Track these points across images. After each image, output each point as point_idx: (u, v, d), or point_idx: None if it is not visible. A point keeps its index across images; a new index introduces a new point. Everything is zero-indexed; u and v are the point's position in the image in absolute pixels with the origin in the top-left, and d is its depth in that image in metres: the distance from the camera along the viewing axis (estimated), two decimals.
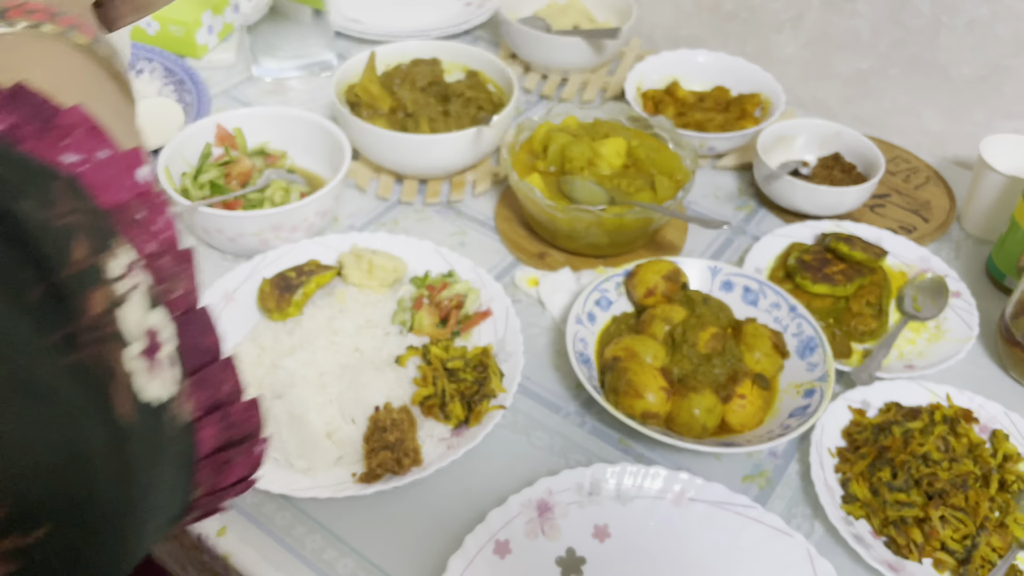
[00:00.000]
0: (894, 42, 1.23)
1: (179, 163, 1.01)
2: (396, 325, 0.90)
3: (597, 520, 0.75)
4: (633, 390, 0.79)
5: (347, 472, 0.77)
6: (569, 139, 1.03)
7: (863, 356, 0.92)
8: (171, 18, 1.26)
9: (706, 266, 0.95)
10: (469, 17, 1.44)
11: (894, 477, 0.78)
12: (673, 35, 1.46)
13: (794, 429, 0.78)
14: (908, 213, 1.12)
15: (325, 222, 1.00)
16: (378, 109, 1.11)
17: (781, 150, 1.15)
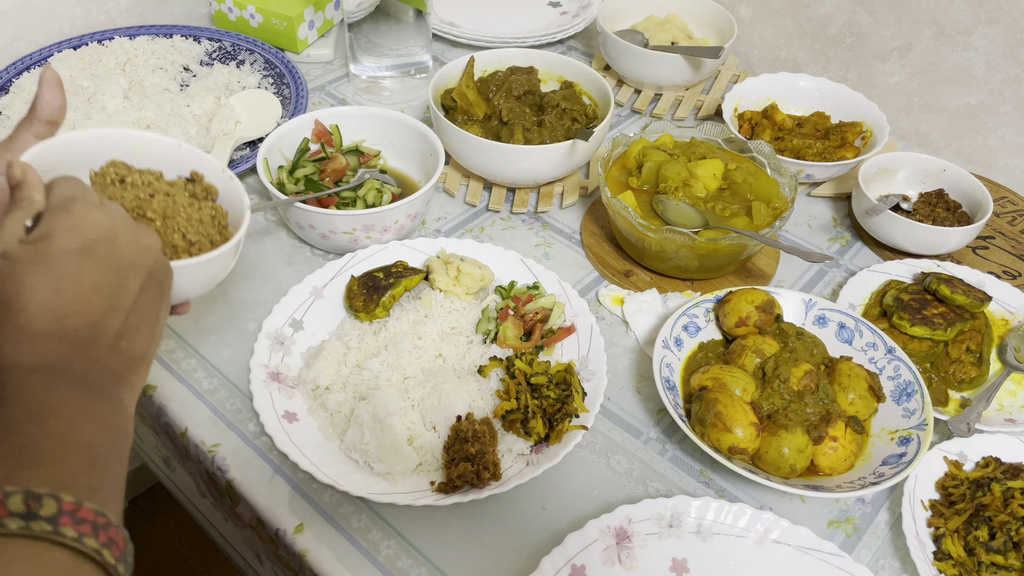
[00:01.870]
0: (1009, 79, 1.18)
1: (276, 156, 1.02)
2: (479, 334, 0.89)
3: (676, 554, 0.73)
4: (722, 423, 0.77)
5: (425, 480, 0.77)
6: (665, 158, 1.01)
7: (960, 405, 0.88)
8: (275, 12, 1.28)
9: (800, 299, 0.92)
10: (564, 26, 1.43)
11: (991, 537, 0.74)
12: (771, 57, 1.42)
13: (888, 478, 0.75)
14: (1013, 258, 1.07)
15: (414, 225, 1.00)
16: (473, 115, 1.11)
17: (881, 183, 1.11)
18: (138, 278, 0.50)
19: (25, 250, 0.47)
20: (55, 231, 0.48)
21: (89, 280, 0.48)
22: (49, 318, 0.46)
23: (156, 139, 0.65)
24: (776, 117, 1.19)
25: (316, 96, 1.28)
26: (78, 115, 1.08)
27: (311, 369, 0.83)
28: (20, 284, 0.46)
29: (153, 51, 1.25)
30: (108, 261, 0.49)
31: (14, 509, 0.38)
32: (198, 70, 1.25)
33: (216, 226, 0.65)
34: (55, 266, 0.47)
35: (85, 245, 0.49)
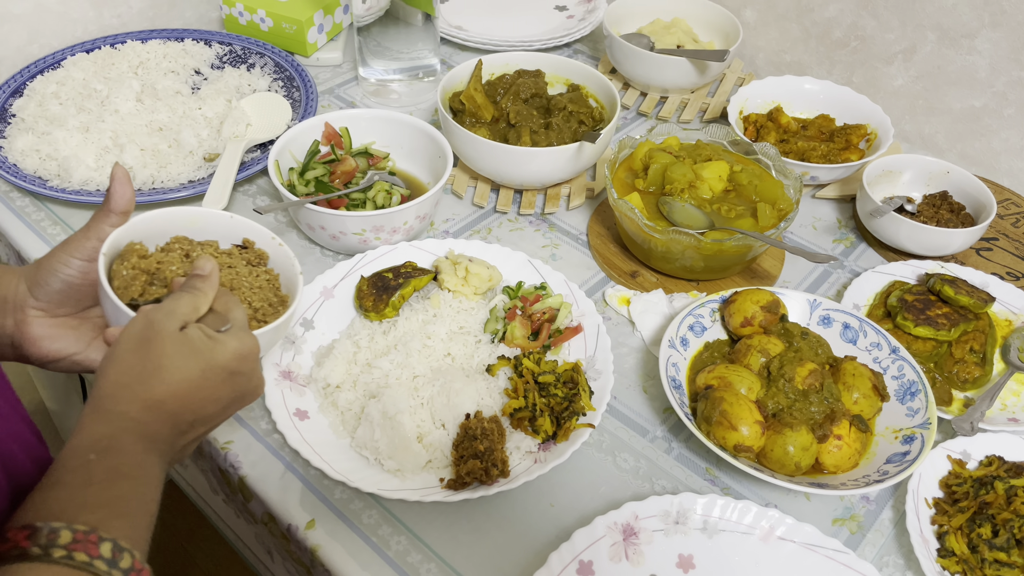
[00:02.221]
0: (1012, 82, 1.18)
1: (287, 158, 1.04)
2: (488, 334, 0.90)
3: (682, 550, 0.74)
4: (727, 421, 0.78)
5: (435, 477, 0.78)
6: (671, 160, 1.02)
7: (964, 405, 0.89)
8: (284, 15, 1.30)
9: (805, 299, 0.93)
10: (570, 30, 1.44)
11: (995, 535, 0.75)
12: (776, 60, 1.44)
13: (892, 476, 0.75)
14: (1016, 259, 1.08)
15: (423, 226, 1.01)
16: (481, 118, 1.12)
17: (886, 185, 1.12)
18: (235, 409, 0.62)
19: (202, 341, 0.59)
20: (228, 347, 0.60)
21: (217, 394, 0.59)
22: (176, 402, 0.56)
23: (210, 213, 0.72)
24: (781, 120, 1.20)
25: (325, 99, 1.29)
26: (92, 117, 1.10)
27: (322, 368, 0.84)
28: (179, 365, 0.56)
29: (165, 54, 1.27)
30: (234, 390, 0.60)
31: (104, 554, 0.45)
32: (209, 73, 1.26)
33: (272, 290, 0.71)
34: (208, 371, 0.58)
35: (236, 370, 0.60)
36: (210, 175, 1.07)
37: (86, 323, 0.71)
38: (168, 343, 0.57)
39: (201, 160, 1.09)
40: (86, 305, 0.71)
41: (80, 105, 1.12)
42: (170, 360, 0.56)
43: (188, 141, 1.09)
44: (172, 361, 0.56)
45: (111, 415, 0.54)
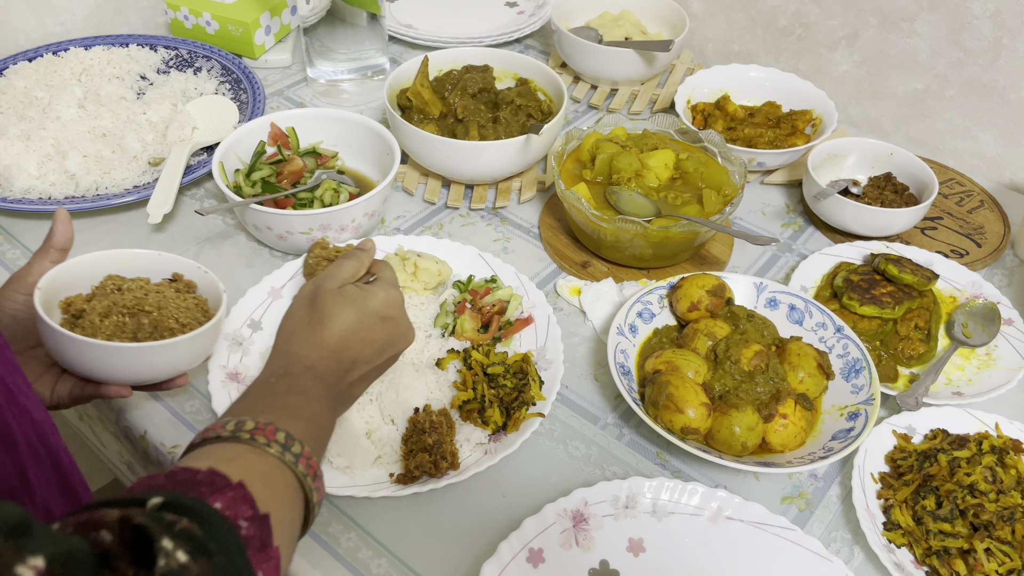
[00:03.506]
0: (952, 63, 1.20)
1: (233, 160, 1.03)
2: (438, 328, 0.90)
3: (632, 534, 0.74)
4: (673, 404, 0.78)
5: (384, 472, 0.78)
6: (617, 150, 1.03)
7: (909, 381, 0.91)
8: (230, 18, 1.29)
9: (751, 282, 0.94)
10: (520, 26, 1.45)
11: (939, 506, 0.76)
12: (725, 49, 1.45)
13: (837, 452, 0.76)
14: (960, 237, 1.10)
15: (373, 223, 1.01)
16: (429, 114, 1.12)
17: (831, 168, 1.13)
18: (390, 352, 0.71)
19: (355, 291, 0.71)
20: (377, 296, 0.71)
21: (372, 336, 0.69)
22: (339, 342, 0.67)
23: (140, 253, 0.81)
24: (728, 108, 1.21)
25: (275, 101, 1.28)
26: (33, 125, 1.08)
27: None
28: (338, 313, 0.68)
29: (109, 60, 1.25)
30: (387, 333, 0.70)
31: (279, 440, 0.55)
32: (155, 78, 1.25)
33: (200, 311, 0.78)
34: (363, 316, 0.69)
35: (385, 315, 0.70)
36: (155, 180, 1.06)
37: (32, 360, 0.75)
38: (329, 297, 0.69)
39: (146, 165, 1.08)
40: (32, 344, 0.74)
41: (21, 113, 1.10)
42: (331, 310, 0.68)
43: (132, 146, 1.08)
44: (333, 310, 0.68)
45: (287, 354, 0.66)
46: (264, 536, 0.47)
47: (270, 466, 0.53)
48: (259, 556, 0.46)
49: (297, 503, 0.54)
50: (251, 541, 0.46)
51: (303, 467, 0.55)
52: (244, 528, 0.46)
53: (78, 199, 1.03)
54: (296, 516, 0.54)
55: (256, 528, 0.47)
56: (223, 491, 0.47)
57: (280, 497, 0.52)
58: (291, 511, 0.53)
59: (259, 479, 0.51)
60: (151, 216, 0.99)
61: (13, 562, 0.30)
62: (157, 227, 1.03)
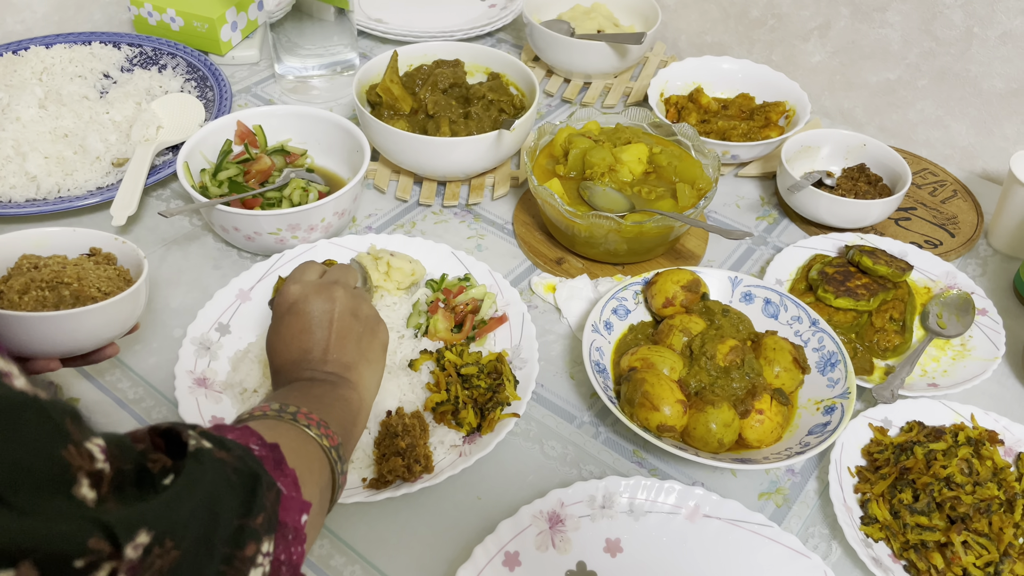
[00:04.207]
0: (924, 53, 1.20)
1: (198, 159, 1.01)
2: (411, 329, 0.89)
3: (609, 534, 0.73)
4: (649, 402, 0.78)
5: (357, 477, 0.76)
6: (590, 144, 1.02)
7: (885, 373, 0.90)
8: (196, 14, 1.26)
9: (726, 277, 0.93)
10: (492, 19, 1.43)
11: (915, 499, 0.76)
12: (698, 41, 1.44)
13: (813, 447, 0.76)
14: (934, 227, 1.10)
15: (343, 222, 0.99)
16: (399, 110, 1.10)
17: (805, 160, 1.13)
18: (327, 318, 0.70)
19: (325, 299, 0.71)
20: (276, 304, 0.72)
21: (293, 329, 0.69)
22: (282, 353, 0.69)
23: (53, 230, 0.80)
24: (702, 100, 1.21)
25: (243, 98, 1.26)
26: None
27: (238, 372, 0.82)
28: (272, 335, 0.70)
29: (71, 59, 1.22)
30: (303, 315, 0.69)
31: (316, 423, 0.58)
32: (118, 76, 1.22)
33: (122, 280, 0.78)
34: (278, 324, 0.70)
35: (290, 308, 0.70)
36: (119, 181, 1.03)
37: None
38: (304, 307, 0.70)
39: (109, 166, 1.06)
40: None
41: None
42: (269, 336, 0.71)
43: (95, 146, 1.05)
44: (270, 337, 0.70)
45: (279, 370, 0.69)
46: (277, 457, 0.50)
47: (306, 443, 0.56)
48: (275, 471, 0.49)
49: (324, 483, 0.57)
50: (265, 460, 0.49)
51: (335, 454, 0.58)
52: (257, 449, 0.49)
53: (39, 202, 1.00)
54: (322, 497, 0.56)
55: (267, 451, 0.50)
56: (252, 444, 0.50)
57: (309, 468, 0.54)
58: (316, 483, 0.55)
59: (292, 448, 0.53)
60: (115, 218, 0.97)
61: (83, 439, 0.35)
62: (121, 229, 1.01)
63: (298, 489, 0.50)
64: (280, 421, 0.57)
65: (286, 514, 0.47)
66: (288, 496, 0.48)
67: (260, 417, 0.57)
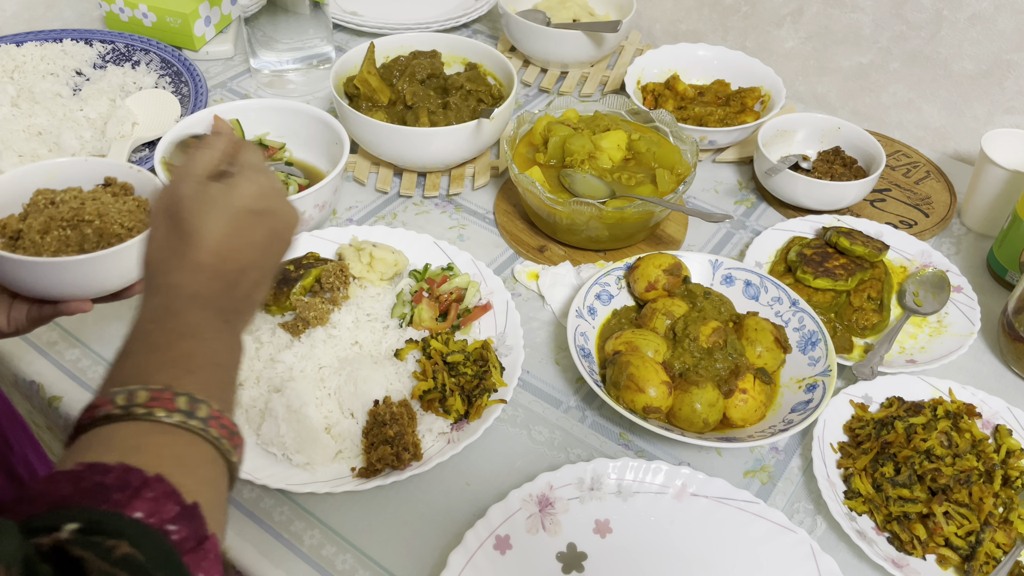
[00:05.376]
0: (895, 36, 1.22)
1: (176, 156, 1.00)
2: (395, 319, 0.89)
3: (598, 515, 0.74)
4: (634, 384, 0.78)
5: (346, 467, 0.76)
6: (569, 132, 1.02)
7: (864, 351, 0.92)
8: (168, 9, 1.25)
9: (707, 260, 0.94)
10: (468, 10, 1.43)
11: (897, 472, 0.77)
12: (672, 29, 1.45)
13: (796, 424, 0.77)
14: (909, 207, 1.12)
15: (324, 215, 0.99)
16: (377, 102, 1.10)
17: (781, 144, 1.14)
18: (279, 246, 0.60)
19: (218, 191, 0.57)
20: (242, 189, 0.57)
21: (252, 236, 0.57)
22: (215, 257, 0.55)
23: (65, 161, 0.77)
24: (678, 87, 1.22)
25: (218, 93, 1.25)
26: None
27: None
28: (204, 223, 0.55)
29: (42, 57, 1.21)
30: (267, 227, 0.58)
31: (180, 407, 0.47)
32: (91, 73, 1.21)
33: (143, 211, 0.75)
34: (234, 218, 0.56)
35: (259, 208, 0.58)
36: None
37: None
38: (189, 205, 0.56)
39: None
40: None
41: None
42: (196, 222, 0.56)
43: (70, 144, 1.04)
44: (198, 222, 0.56)
45: (159, 287, 0.55)
46: (197, 530, 0.43)
47: (182, 444, 0.47)
48: (195, 556, 0.41)
49: (220, 475, 0.49)
50: (184, 544, 0.41)
51: (215, 431, 0.49)
52: (174, 532, 0.41)
53: None
54: (222, 489, 0.49)
55: (186, 526, 0.42)
56: (140, 493, 0.41)
57: (202, 477, 0.47)
58: (216, 489, 0.48)
59: (175, 465, 0.45)
60: None
61: None
62: None
63: (218, 563, 0.43)
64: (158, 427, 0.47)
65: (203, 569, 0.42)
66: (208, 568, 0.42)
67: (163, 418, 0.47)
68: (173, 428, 0.47)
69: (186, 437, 0.47)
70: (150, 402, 0.47)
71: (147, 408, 0.47)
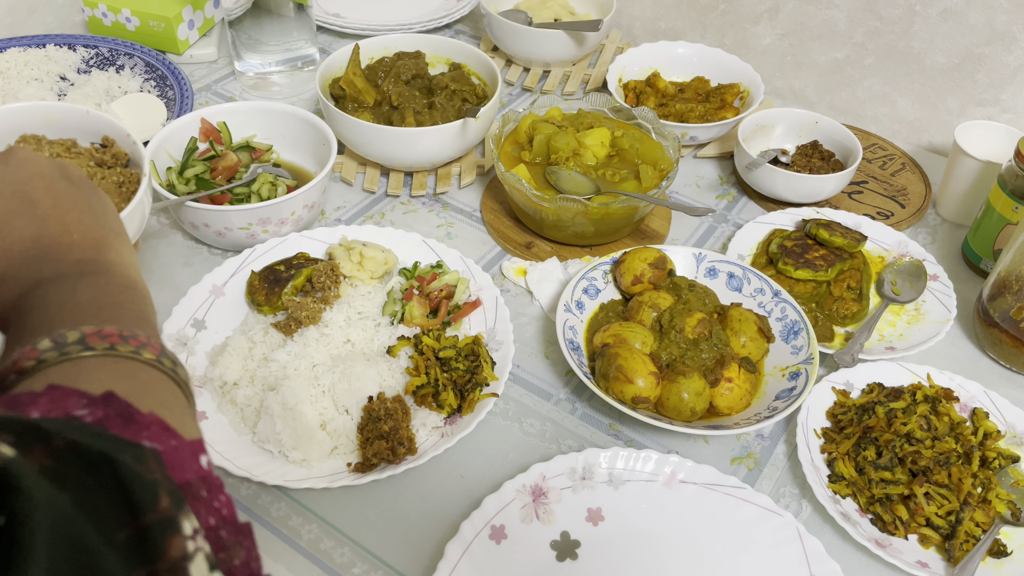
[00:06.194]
0: (869, 32, 1.25)
1: (164, 158, 1.00)
2: (387, 316, 0.90)
3: (591, 504, 0.76)
4: (623, 375, 0.80)
5: (342, 462, 0.78)
6: (554, 130, 1.04)
7: (845, 339, 0.94)
8: (151, 13, 1.25)
9: (691, 253, 0.96)
10: (450, 11, 1.44)
11: (879, 456, 0.80)
12: (652, 27, 1.47)
13: (781, 411, 0.79)
14: (885, 199, 1.14)
15: (312, 216, 1.00)
16: (363, 102, 1.11)
17: (761, 139, 1.17)
18: (38, 187, 0.51)
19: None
20: None
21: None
22: (3, 258, 0.48)
23: (65, 107, 0.66)
24: (659, 84, 1.24)
25: (203, 96, 1.26)
26: None
27: (216, 366, 0.82)
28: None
29: (26, 62, 1.21)
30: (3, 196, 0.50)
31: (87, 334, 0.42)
32: (75, 78, 1.21)
33: (121, 194, 0.67)
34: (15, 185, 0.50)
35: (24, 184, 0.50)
36: None
37: None
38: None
39: None
40: None
41: None
42: None
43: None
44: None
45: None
46: (122, 410, 0.36)
47: (96, 363, 0.41)
48: (128, 429, 0.35)
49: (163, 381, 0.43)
50: (106, 421, 0.35)
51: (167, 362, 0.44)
52: (85, 416, 0.35)
53: None
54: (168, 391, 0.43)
55: (102, 409, 0.36)
56: (34, 400, 0.35)
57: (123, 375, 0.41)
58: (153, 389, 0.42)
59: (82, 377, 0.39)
60: None
61: None
62: None
63: (170, 430, 0.38)
64: (85, 359, 0.41)
65: (180, 471, 0.36)
66: (168, 448, 0.36)
67: (55, 360, 0.40)
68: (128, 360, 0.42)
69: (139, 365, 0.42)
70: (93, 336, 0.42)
71: (85, 342, 0.41)
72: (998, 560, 0.74)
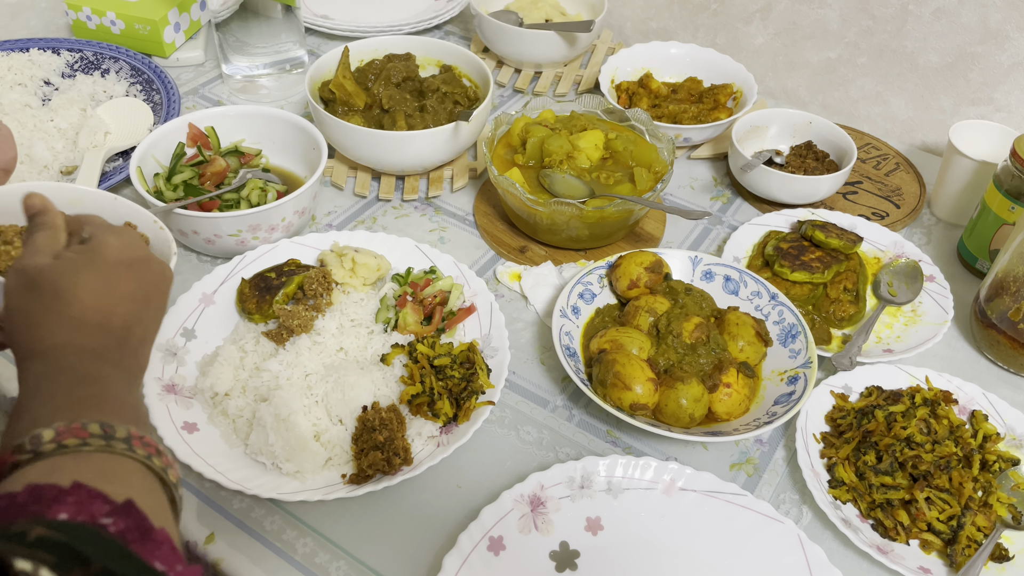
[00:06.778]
0: (862, 31, 1.24)
1: (151, 164, 0.99)
2: (380, 324, 0.89)
3: (589, 513, 0.75)
4: (621, 382, 0.79)
5: (336, 474, 0.76)
6: (547, 133, 1.03)
7: (842, 342, 0.93)
8: (137, 16, 1.23)
9: (687, 256, 0.96)
10: (439, 12, 1.43)
11: (879, 460, 0.79)
12: (643, 28, 1.46)
13: (780, 416, 0.78)
14: (880, 199, 1.14)
15: (303, 221, 0.99)
16: (353, 106, 1.10)
17: (754, 140, 1.16)
18: (157, 299, 0.59)
19: (79, 253, 0.56)
20: (107, 245, 0.57)
21: (129, 288, 0.56)
22: (98, 312, 0.54)
23: (93, 192, 0.72)
24: (652, 85, 1.23)
25: (190, 100, 1.24)
26: None
27: (207, 377, 0.81)
28: (76, 280, 0.53)
29: (9, 67, 1.19)
30: (143, 279, 0.58)
31: (94, 432, 0.44)
32: (60, 83, 1.19)
33: None
34: (107, 272, 0.55)
35: (128, 259, 0.57)
36: None
37: None
38: (51, 273, 0.54)
39: (58, 174, 1.03)
40: None
41: None
42: (65, 282, 0.53)
43: (41, 155, 1.02)
44: (67, 281, 0.53)
45: (39, 353, 0.51)
46: (139, 523, 0.38)
47: (101, 461, 0.43)
48: (145, 546, 0.37)
49: (156, 488, 0.45)
50: (127, 534, 0.37)
51: (141, 450, 0.45)
52: (110, 525, 0.37)
53: None
54: (164, 505, 0.45)
55: (123, 519, 0.38)
56: (61, 499, 0.37)
57: (133, 484, 0.42)
58: (156, 498, 0.44)
59: (96, 476, 0.41)
60: None
61: None
62: None
63: (175, 552, 0.39)
64: (111, 454, 0.44)
65: None
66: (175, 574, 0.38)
67: (77, 446, 0.43)
68: (92, 452, 0.43)
69: (109, 457, 0.44)
70: (57, 437, 0.43)
71: (56, 443, 0.43)
72: (1000, 564, 0.74)
